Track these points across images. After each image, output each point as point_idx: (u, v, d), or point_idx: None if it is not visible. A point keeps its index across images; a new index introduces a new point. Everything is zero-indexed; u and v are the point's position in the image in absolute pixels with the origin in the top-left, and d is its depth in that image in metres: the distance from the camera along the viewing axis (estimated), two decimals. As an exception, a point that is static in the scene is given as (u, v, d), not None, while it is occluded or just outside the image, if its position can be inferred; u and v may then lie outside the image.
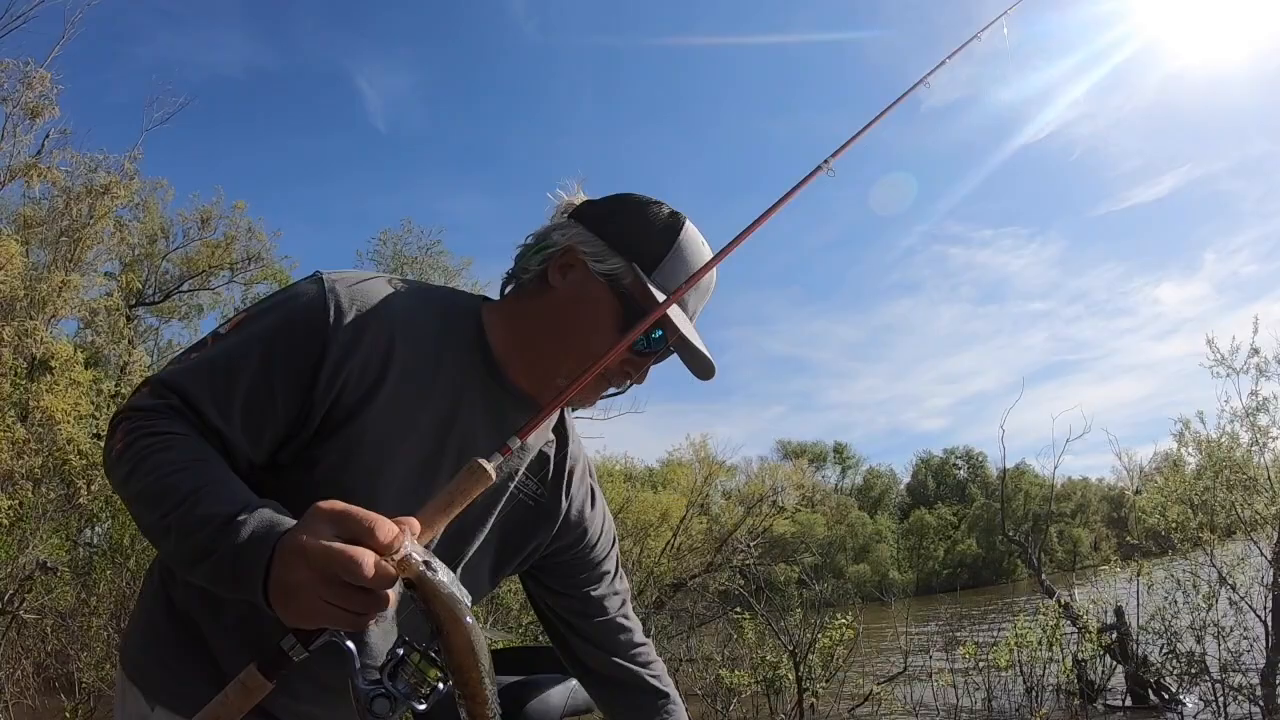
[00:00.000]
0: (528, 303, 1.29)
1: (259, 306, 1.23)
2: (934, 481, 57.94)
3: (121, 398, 15.87)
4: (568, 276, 1.25)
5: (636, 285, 1.22)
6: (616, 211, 1.29)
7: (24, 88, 14.15)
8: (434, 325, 1.24)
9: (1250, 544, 8.47)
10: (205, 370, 1.16)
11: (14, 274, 12.87)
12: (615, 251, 1.24)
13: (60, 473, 12.58)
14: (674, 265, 1.24)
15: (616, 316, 1.22)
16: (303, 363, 1.16)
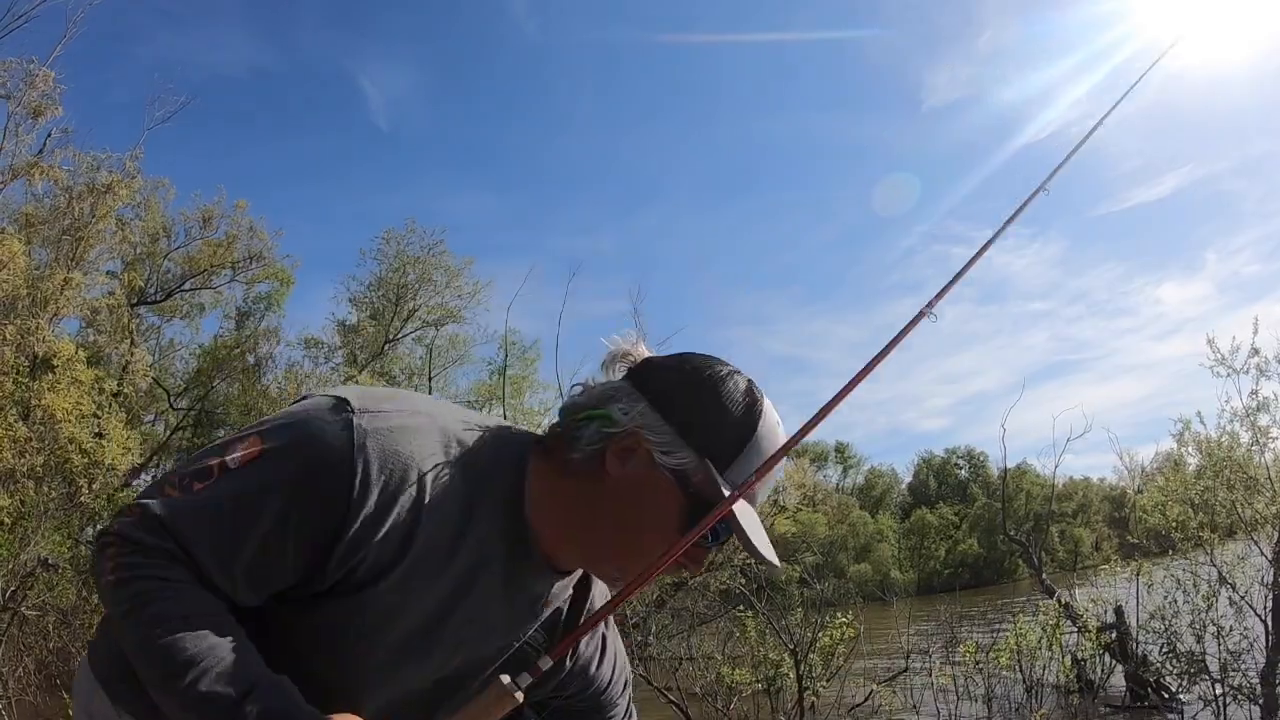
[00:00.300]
0: (580, 483, 1.15)
1: (277, 439, 1.07)
2: (935, 481, 57.92)
3: (124, 396, 15.92)
4: (628, 464, 1.12)
5: (706, 483, 1.10)
6: (686, 389, 1.14)
7: (27, 87, 14.19)
8: (468, 490, 1.12)
9: (1250, 544, 8.48)
10: (208, 519, 1.04)
11: (16, 272, 12.89)
12: (685, 442, 1.11)
13: (62, 471, 12.62)
14: (748, 460, 1.12)
15: (681, 514, 1.10)
16: (319, 536, 1.06)
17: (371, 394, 1.12)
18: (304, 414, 1.10)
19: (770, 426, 1.15)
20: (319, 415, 1.08)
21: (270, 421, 1.11)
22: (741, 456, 1.12)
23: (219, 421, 23.31)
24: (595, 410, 1.14)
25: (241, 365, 22.35)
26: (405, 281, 24.44)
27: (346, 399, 1.09)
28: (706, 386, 1.14)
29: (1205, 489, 8.96)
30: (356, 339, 24.05)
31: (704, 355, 1.19)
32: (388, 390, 1.18)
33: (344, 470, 1.04)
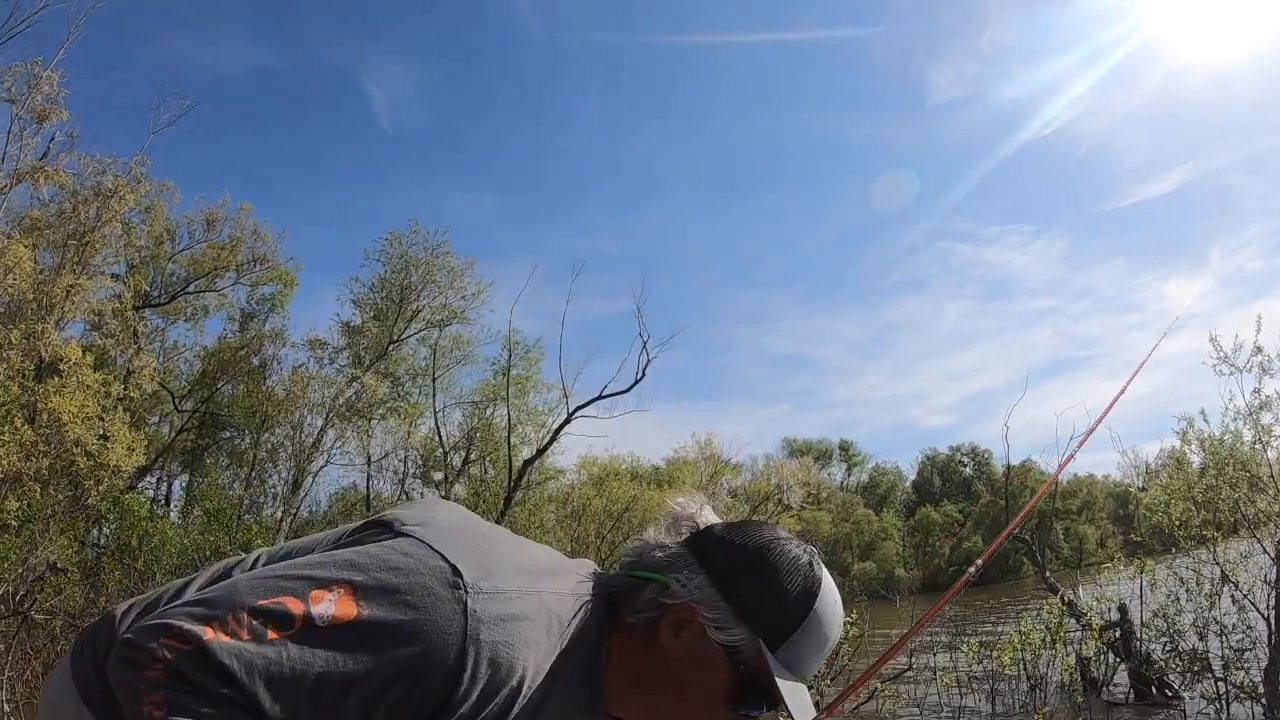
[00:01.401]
0: (638, 650, 1.15)
1: (379, 608, 0.94)
2: (940, 479, 57.93)
3: (130, 400, 15.96)
4: (680, 635, 1.12)
5: (758, 662, 1.10)
6: (746, 566, 1.13)
7: (32, 90, 14.23)
8: (559, 669, 1.08)
9: (1254, 542, 8.48)
10: (288, 684, 0.90)
11: (22, 277, 12.94)
12: (740, 620, 1.10)
13: (68, 474, 12.67)
14: (802, 640, 1.12)
15: (730, 689, 1.12)
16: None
17: (483, 560, 1.03)
18: (411, 580, 0.97)
19: (828, 606, 1.14)
20: (430, 589, 0.96)
21: (367, 570, 0.97)
22: (795, 636, 1.11)
23: (224, 423, 23.39)
24: (655, 574, 1.14)
25: (246, 367, 22.41)
26: (408, 282, 24.48)
27: (460, 570, 0.98)
28: (766, 565, 1.13)
29: (1208, 487, 8.95)
30: (361, 340, 24.10)
31: (764, 527, 1.18)
32: (489, 539, 1.10)
33: (454, 666, 0.96)
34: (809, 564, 1.15)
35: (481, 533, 1.11)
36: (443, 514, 1.12)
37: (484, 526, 1.14)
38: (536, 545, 1.20)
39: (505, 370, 23.83)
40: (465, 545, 1.04)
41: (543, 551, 1.19)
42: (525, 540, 1.19)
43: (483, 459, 25.16)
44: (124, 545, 12.17)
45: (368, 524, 1.11)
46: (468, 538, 1.06)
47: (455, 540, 1.04)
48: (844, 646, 10.12)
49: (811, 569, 1.15)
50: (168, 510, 21.79)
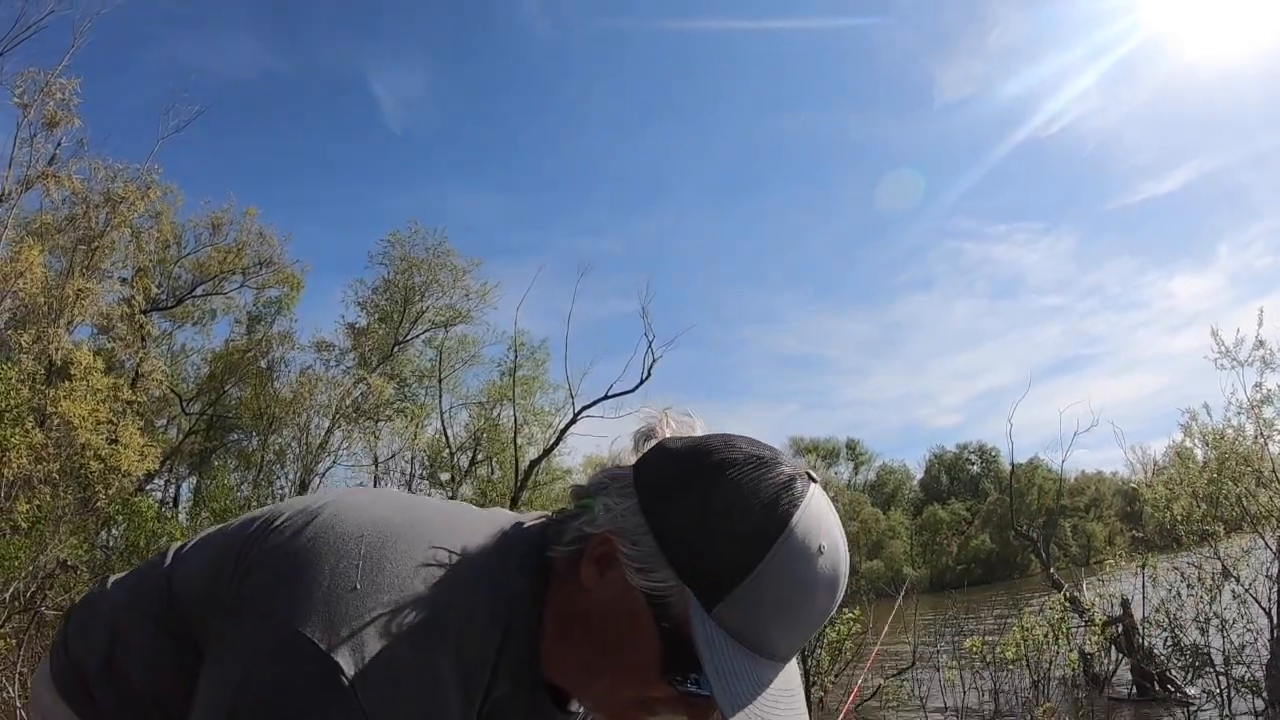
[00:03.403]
0: (565, 593, 0.90)
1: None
2: (947, 477, 57.86)
3: (138, 405, 16.08)
4: (605, 575, 0.86)
5: (687, 624, 0.81)
6: (688, 487, 0.84)
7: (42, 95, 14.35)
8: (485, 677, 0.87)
9: (1256, 537, 8.48)
10: None
11: (34, 281, 13.06)
12: (667, 559, 0.81)
13: (77, 476, 12.77)
14: (756, 595, 0.79)
15: (659, 654, 0.83)
16: None
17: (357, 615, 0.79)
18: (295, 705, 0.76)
19: (803, 546, 0.80)
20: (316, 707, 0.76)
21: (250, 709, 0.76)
22: (744, 588, 0.79)
23: (231, 426, 23.51)
24: (586, 500, 0.90)
25: (253, 369, 22.52)
26: (412, 283, 24.59)
27: (339, 665, 0.76)
28: (714, 484, 0.82)
29: (1210, 482, 8.96)
30: (366, 341, 24.21)
31: (739, 439, 0.88)
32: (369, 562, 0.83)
33: None
34: (784, 485, 0.82)
35: (356, 567, 0.82)
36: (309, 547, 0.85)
37: (360, 549, 0.84)
38: (443, 520, 0.93)
39: (511, 371, 23.91)
40: (337, 608, 0.79)
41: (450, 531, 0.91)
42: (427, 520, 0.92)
43: (489, 459, 25.24)
44: (132, 546, 12.26)
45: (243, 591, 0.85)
46: (338, 590, 0.80)
47: (325, 605, 0.79)
48: (848, 643, 10.17)
49: (787, 491, 0.82)
50: (175, 512, 21.91)
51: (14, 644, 8.62)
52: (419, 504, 0.97)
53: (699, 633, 0.79)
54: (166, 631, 0.96)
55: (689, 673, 0.81)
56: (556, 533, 0.91)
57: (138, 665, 0.98)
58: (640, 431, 0.94)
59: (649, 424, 0.94)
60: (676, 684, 0.84)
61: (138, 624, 1.01)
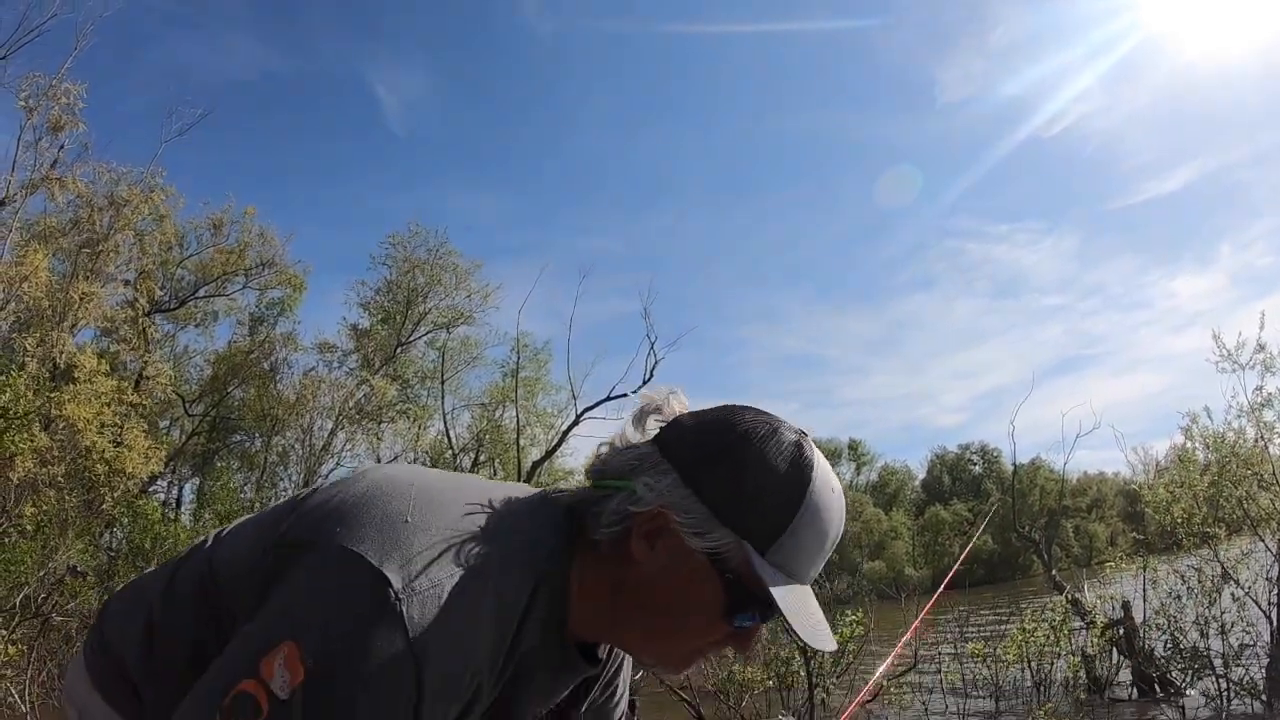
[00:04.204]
0: (610, 570, 1.01)
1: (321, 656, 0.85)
2: (949, 477, 57.81)
3: (142, 407, 16.13)
4: (655, 546, 0.97)
5: (746, 569, 0.94)
6: (719, 457, 0.98)
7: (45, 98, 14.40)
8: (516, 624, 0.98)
9: (1255, 539, 8.51)
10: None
11: (38, 285, 13.10)
12: (720, 521, 0.95)
13: (82, 479, 12.82)
14: (795, 539, 0.96)
15: (721, 601, 0.96)
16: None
17: (406, 544, 0.90)
18: (344, 610, 0.87)
19: (822, 497, 0.98)
20: (363, 612, 0.86)
21: (302, 617, 0.87)
22: (787, 535, 0.95)
23: (234, 427, 23.56)
24: (620, 481, 0.99)
25: (256, 371, 22.56)
26: (415, 285, 24.63)
27: (387, 576, 0.87)
28: (745, 452, 0.97)
29: (1211, 484, 8.98)
30: (369, 343, 24.25)
31: (746, 410, 1.03)
32: (419, 506, 0.96)
33: (410, 688, 0.87)
34: (796, 446, 0.99)
35: (407, 506, 0.95)
36: (359, 491, 0.98)
37: (410, 493, 0.97)
38: (479, 485, 1.05)
39: (514, 372, 23.96)
40: (390, 534, 0.91)
41: (486, 492, 1.03)
42: (465, 483, 1.05)
43: (492, 461, 25.28)
44: (137, 548, 12.33)
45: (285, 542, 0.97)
46: (391, 521, 0.93)
47: (378, 531, 0.92)
48: (850, 645, 10.20)
49: (800, 452, 0.99)
50: (179, 513, 21.96)
51: (24, 649, 8.67)
52: (457, 474, 1.10)
53: (765, 577, 0.94)
54: (208, 615, 1.00)
55: (748, 612, 0.97)
56: (594, 515, 1.00)
57: (179, 651, 1.01)
58: (643, 410, 1.07)
59: (653, 403, 1.07)
60: (737, 623, 0.98)
61: (177, 610, 1.05)
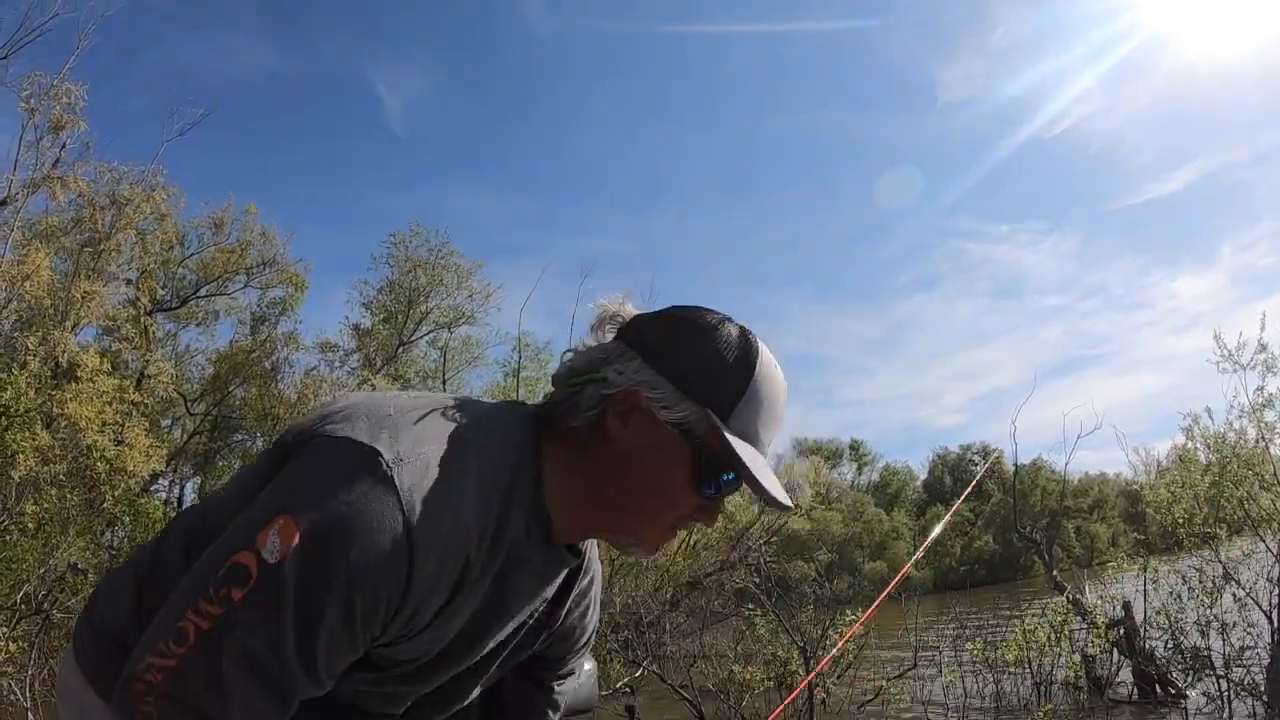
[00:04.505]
0: (587, 452, 1.11)
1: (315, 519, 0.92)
2: (950, 478, 57.70)
3: (144, 406, 16.15)
4: (629, 423, 1.08)
5: (712, 435, 1.05)
6: (679, 341, 1.10)
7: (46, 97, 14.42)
8: (499, 504, 1.06)
9: (1256, 540, 8.51)
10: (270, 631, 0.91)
11: (40, 284, 13.12)
12: (685, 395, 1.06)
13: (84, 478, 12.83)
14: (750, 406, 1.08)
15: (690, 469, 1.07)
16: (388, 610, 0.98)
17: (397, 430, 1.00)
18: (335, 481, 0.95)
19: (769, 370, 1.11)
20: (354, 480, 0.94)
21: (293, 493, 0.96)
22: (743, 403, 1.07)
23: (235, 426, 23.58)
24: (590, 374, 1.10)
25: (258, 370, 22.58)
26: (416, 284, 24.66)
27: (377, 449, 0.96)
28: (700, 337, 1.10)
29: (1212, 484, 8.98)
30: (371, 342, 24.27)
31: (693, 306, 1.15)
32: (399, 407, 1.06)
33: (403, 542, 0.94)
34: (742, 331, 1.12)
35: (392, 407, 1.06)
36: (344, 403, 1.08)
37: (389, 400, 1.09)
38: (455, 398, 1.15)
39: (515, 372, 23.98)
40: (376, 422, 1.01)
41: (464, 401, 1.14)
42: (438, 397, 1.14)
43: (493, 460, 25.24)
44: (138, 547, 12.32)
45: (279, 449, 1.07)
46: (377, 415, 1.02)
47: (366, 421, 1.01)
48: (849, 644, 10.21)
49: (746, 335, 1.12)
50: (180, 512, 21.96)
51: (25, 647, 8.68)
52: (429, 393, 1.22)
53: (727, 440, 1.05)
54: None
55: (714, 478, 1.07)
56: (569, 408, 1.10)
57: None
58: (601, 318, 1.17)
59: (609, 310, 1.17)
60: (705, 492, 1.08)
61: (166, 565, 1.10)
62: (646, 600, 15.15)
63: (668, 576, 17.47)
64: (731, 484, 1.08)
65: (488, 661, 1.24)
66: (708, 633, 13.70)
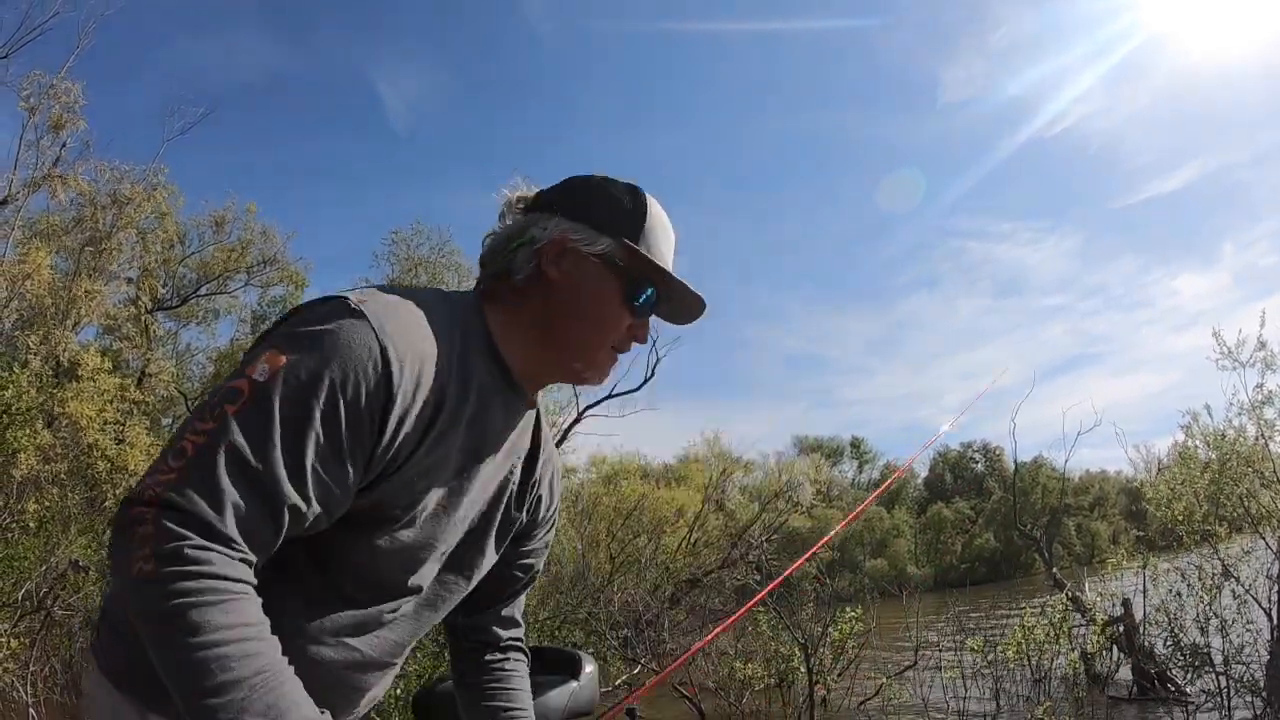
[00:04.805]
0: (526, 304, 1.28)
1: (298, 344, 1.04)
2: (951, 476, 57.73)
3: (146, 405, 16.18)
4: (563, 264, 1.26)
5: (631, 257, 1.26)
6: (582, 194, 1.31)
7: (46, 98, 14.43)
8: (458, 346, 1.19)
9: (1256, 537, 8.51)
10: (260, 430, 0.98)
11: (41, 283, 13.14)
12: (600, 232, 1.26)
13: (85, 477, 12.86)
14: (652, 234, 1.29)
15: (620, 290, 1.27)
16: (372, 421, 1.06)
17: (360, 291, 1.13)
18: (313, 318, 1.08)
19: (657, 206, 1.33)
20: (330, 315, 1.07)
21: (278, 333, 1.08)
22: (646, 230, 1.29)
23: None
24: (518, 240, 1.28)
25: (259, 369, 22.53)
26: (418, 283, 24.64)
27: (346, 296, 1.10)
28: (598, 190, 1.31)
29: (1211, 481, 8.99)
30: (372, 341, 24.24)
31: (582, 175, 1.35)
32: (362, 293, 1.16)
33: (378, 363, 1.05)
34: (631, 183, 1.33)
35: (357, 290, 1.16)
36: None
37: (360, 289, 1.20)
38: None
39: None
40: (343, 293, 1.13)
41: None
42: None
43: (494, 458, 25.25)
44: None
45: None
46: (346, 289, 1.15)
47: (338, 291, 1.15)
48: (850, 642, 10.23)
49: (632, 185, 1.33)
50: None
51: (26, 644, 8.70)
52: None
53: (646, 256, 1.26)
54: None
55: (641, 290, 1.28)
56: (505, 268, 1.29)
57: None
58: (508, 202, 1.34)
59: (512, 194, 1.35)
60: (637, 306, 1.29)
61: None
62: (646, 598, 15.18)
63: (668, 574, 17.49)
64: (654, 297, 1.30)
65: (484, 527, 1.35)
66: (707, 630, 13.73)
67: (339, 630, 1.20)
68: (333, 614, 1.18)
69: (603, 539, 18.91)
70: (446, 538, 1.26)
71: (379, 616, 1.24)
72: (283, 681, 0.92)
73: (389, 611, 1.25)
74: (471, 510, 1.29)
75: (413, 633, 1.32)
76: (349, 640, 1.21)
